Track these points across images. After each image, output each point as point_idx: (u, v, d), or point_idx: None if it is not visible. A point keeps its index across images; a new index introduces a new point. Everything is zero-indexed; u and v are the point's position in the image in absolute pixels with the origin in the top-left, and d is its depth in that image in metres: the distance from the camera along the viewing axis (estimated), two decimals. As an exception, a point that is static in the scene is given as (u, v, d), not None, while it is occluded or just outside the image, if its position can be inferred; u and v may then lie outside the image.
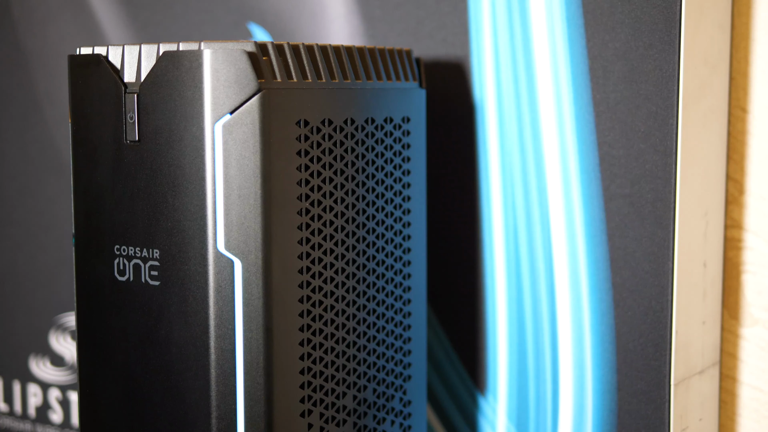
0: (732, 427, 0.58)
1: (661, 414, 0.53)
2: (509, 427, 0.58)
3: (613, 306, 0.54)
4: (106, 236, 0.49)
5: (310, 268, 0.47)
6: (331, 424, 0.49)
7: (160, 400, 0.47)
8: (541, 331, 0.56)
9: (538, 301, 0.56)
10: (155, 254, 0.47)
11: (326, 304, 0.48)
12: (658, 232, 0.52)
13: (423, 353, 0.55)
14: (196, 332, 0.46)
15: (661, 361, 0.52)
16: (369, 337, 0.51)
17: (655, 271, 0.52)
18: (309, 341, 0.48)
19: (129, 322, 0.48)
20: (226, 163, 0.45)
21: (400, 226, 0.53)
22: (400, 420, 0.53)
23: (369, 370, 0.51)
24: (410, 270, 0.54)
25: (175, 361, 0.47)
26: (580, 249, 0.54)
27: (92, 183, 0.49)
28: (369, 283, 0.51)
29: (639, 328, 0.53)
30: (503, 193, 0.57)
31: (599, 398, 0.54)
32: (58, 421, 0.79)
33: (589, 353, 0.55)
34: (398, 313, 0.53)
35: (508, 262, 0.57)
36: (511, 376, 0.58)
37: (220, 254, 0.45)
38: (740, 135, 0.56)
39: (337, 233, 0.49)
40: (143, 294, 0.48)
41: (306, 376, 0.47)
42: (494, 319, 0.58)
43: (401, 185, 0.52)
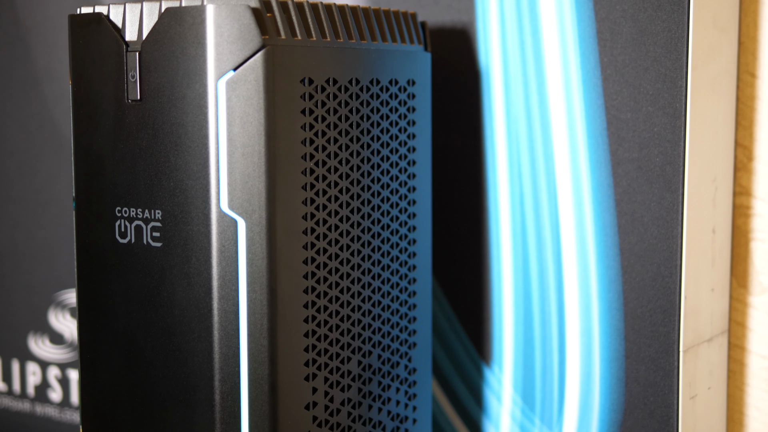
0: (741, 397, 0.57)
1: (669, 381, 0.52)
2: (515, 397, 0.57)
3: (620, 272, 0.53)
4: (107, 198, 0.48)
5: (314, 229, 0.47)
6: (335, 388, 0.48)
7: (162, 364, 0.47)
8: (547, 300, 0.55)
9: (544, 270, 0.55)
10: (157, 215, 0.46)
11: (331, 266, 0.48)
12: (666, 196, 0.51)
13: (428, 321, 0.54)
14: (199, 293, 0.45)
15: (670, 328, 0.52)
16: (374, 301, 0.50)
17: (664, 236, 0.51)
18: (313, 303, 0.47)
19: (130, 284, 0.47)
20: (229, 120, 0.44)
21: (405, 191, 0.52)
22: (405, 387, 0.53)
23: (374, 336, 0.50)
24: (415, 235, 0.53)
25: (178, 323, 0.46)
26: (588, 215, 0.53)
27: (93, 144, 0.48)
28: (374, 246, 0.50)
29: (647, 295, 0.52)
30: (509, 160, 0.56)
31: (606, 366, 0.54)
32: (58, 399, 0.78)
33: (596, 321, 0.54)
34: (403, 278, 0.52)
35: (514, 230, 0.56)
36: (516, 346, 0.57)
37: (224, 214, 0.45)
38: (749, 101, 0.55)
39: (342, 195, 0.48)
40: (145, 256, 0.47)
41: (310, 339, 0.47)
42: (500, 289, 0.57)
43: (406, 149, 0.52)
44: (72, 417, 0.78)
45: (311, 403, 0.47)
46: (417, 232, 0.53)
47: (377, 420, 0.51)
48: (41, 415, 0.79)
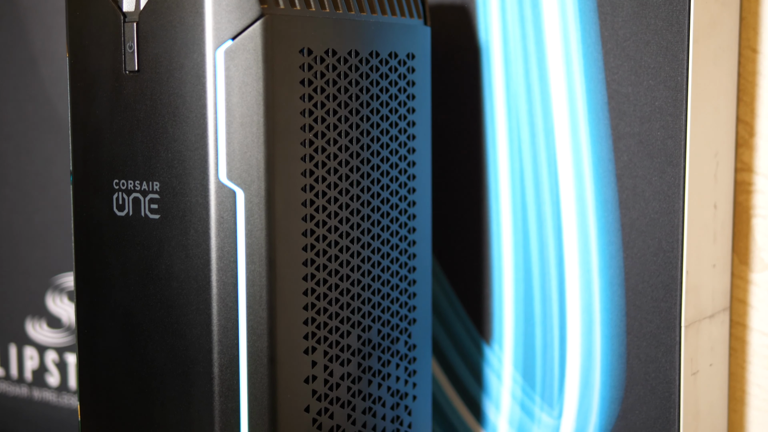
0: (742, 375, 0.57)
1: (671, 357, 0.52)
2: (515, 376, 0.57)
3: (621, 248, 0.53)
4: (105, 171, 0.47)
5: (314, 201, 0.46)
6: (335, 362, 0.48)
7: (161, 337, 0.46)
8: (548, 277, 0.55)
9: (545, 246, 0.55)
10: (155, 187, 0.46)
11: (330, 239, 0.47)
12: (668, 170, 0.51)
13: (428, 297, 0.54)
14: (198, 266, 0.45)
15: (672, 303, 0.51)
16: (374, 276, 0.50)
17: (666, 211, 0.51)
18: (313, 276, 0.46)
19: (128, 257, 0.47)
20: (228, 90, 0.44)
21: (405, 165, 0.52)
22: (405, 364, 0.52)
23: (374, 310, 0.50)
24: (415, 211, 0.53)
25: (176, 295, 0.46)
26: (588, 190, 0.53)
27: (90, 117, 0.48)
28: (374, 220, 0.50)
29: (649, 270, 0.52)
30: (509, 136, 0.55)
31: (608, 343, 0.53)
32: (55, 384, 0.78)
33: (597, 297, 0.54)
34: (403, 254, 0.52)
35: (514, 206, 0.56)
36: (517, 323, 0.57)
37: (222, 185, 0.44)
38: (750, 76, 0.55)
39: (342, 167, 0.47)
40: (143, 228, 0.46)
41: (310, 312, 0.46)
42: (500, 266, 0.57)
43: (406, 123, 0.51)
44: (70, 401, 0.77)
45: (311, 376, 0.47)
46: (417, 207, 0.53)
47: (377, 395, 0.50)
48: (39, 399, 0.79)
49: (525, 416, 0.57)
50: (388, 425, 0.51)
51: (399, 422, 0.52)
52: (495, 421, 0.58)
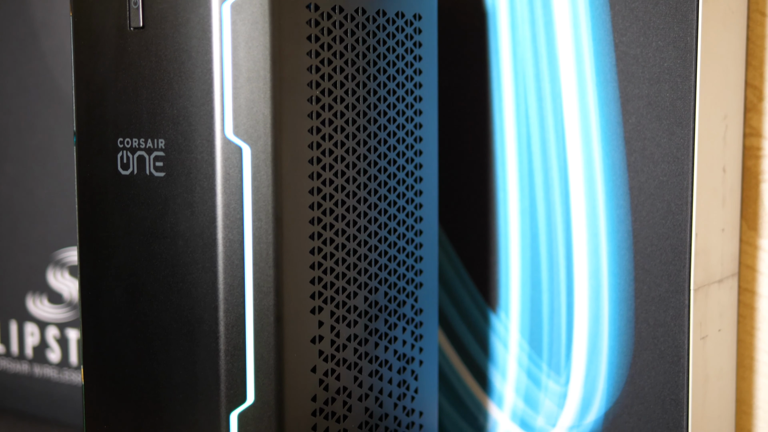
0: (751, 342, 0.56)
1: (680, 321, 0.51)
2: (522, 343, 0.57)
3: (630, 211, 0.52)
4: (109, 129, 0.47)
5: (320, 159, 0.46)
6: (341, 323, 0.47)
7: (165, 297, 0.46)
8: (555, 242, 0.55)
9: (552, 212, 0.55)
10: (160, 144, 0.45)
11: (337, 198, 0.47)
12: (677, 132, 0.50)
13: (434, 262, 0.54)
14: (203, 223, 0.44)
15: (681, 266, 0.51)
16: (381, 237, 0.49)
17: (675, 173, 0.51)
18: (320, 235, 0.46)
19: (133, 216, 0.46)
20: (234, 45, 0.43)
21: (412, 126, 0.51)
22: (412, 328, 0.52)
23: (380, 272, 0.50)
24: (422, 173, 0.52)
25: (181, 254, 0.45)
26: (596, 154, 0.53)
27: (94, 75, 0.47)
28: (380, 181, 0.49)
29: (657, 233, 0.51)
30: (516, 101, 0.55)
31: (616, 307, 0.53)
32: (56, 360, 0.77)
33: (605, 261, 0.53)
34: (410, 216, 0.51)
35: (521, 172, 0.55)
36: (523, 290, 0.56)
37: (228, 141, 0.44)
38: (759, 40, 0.54)
39: (348, 126, 0.47)
40: (148, 186, 0.46)
41: (316, 271, 0.46)
42: (506, 232, 0.56)
43: (413, 84, 0.51)
44: (71, 377, 0.77)
45: (317, 336, 0.46)
46: (423, 170, 0.52)
47: (384, 359, 0.50)
48: (40, 376, 0.78)
49: (532, 384, 0.56)
50: (394, 389, 0.51)
51: (405, 387, 0.52)
52: (501, 390, 0.58)
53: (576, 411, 0.55)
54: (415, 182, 0.52)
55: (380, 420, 0.50)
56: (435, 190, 0.53)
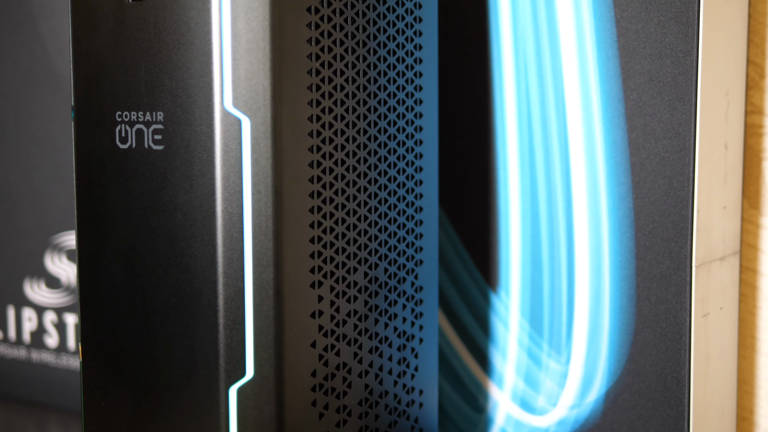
0: (752, 321, 0.56)
1: (682, 298, 0.51)
2: (522, 323, 0.56)
3: (631, 188, 0.52)
4: (107, 103, 0.47)
5: (320, 132, 0.45)
6: (341, 299, 0.47)
7: (164, 271, 0.45)
8: (556, 221, 0.54)
9: (552, 190, 0.54)
10: (159, 117, 0.45)
11: (337, 172, 0.46)
12: (679, 107, 0.50)
13: (435, 240, 0.53)
14: (202, 196, 0.44)
15: (682, 243, 0.51)
16: (381, 213, 0.49)
17: (677, 148, 0.50)
18: (319, 209, 0.46)
19: (131, 191, 0.46)
20: (233, 16, 0.43)
21: (412, 102, 0.51)
22: (412, 305, 0.52)
23: (380, 248, 0.49)
24: (422, 150, 0.52)
25: (180, 227, 0.45)
26: (597, 131, 0.52)
27: (92, 48, 0.47)
28: (380, 156, 0.49)
29: (659, 210, 0.51)
30: (516, 77, 0.55)
31: (617, 285, 0.53)
32: (54, 345, 0.77)
33: (606, 239, 0.53)
34: (410, 192, 0.51)
35: (522, 150, 0.55)
36: (524, 270, 0.56)
37: (227, 113, 0.43)
38: (761, 17, 0.54)
39: (348, 99, 0.47)
40: (146, 160, 0.46)
41: (316, 245, 0.46)
42: (507, 211, 0.56)
43: (413, 59, 0.51)
44: (69, 362, 0.76)
45: (317, 311, 0.46)
46: (424, 146, 0.52)
47: (384, 335, 0.50)
48: (37, 361, 0.78)
49: (532, 364, 0.56)
50: (394, 366, 0.50)
51: (405, 364, 0.51)
52: (501, 370, 0.57)
53: (577, 390, 0.55)
54: (415, 158, 0.51)
55: (380, 397, 0.50)
56: (435, 167, 0.53)
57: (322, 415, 0.46)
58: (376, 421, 0.49)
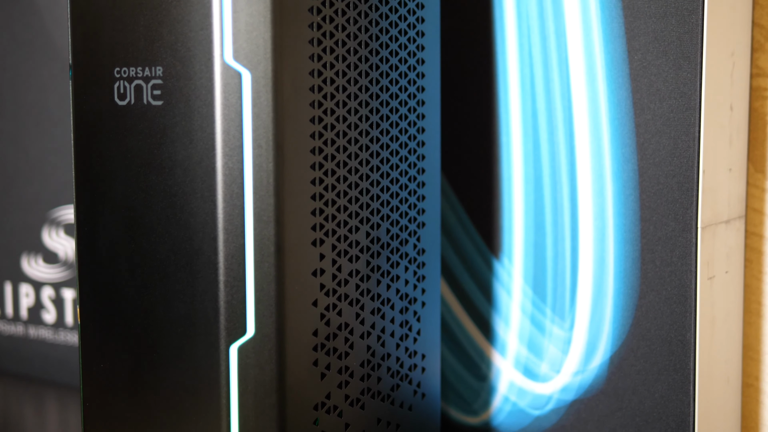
0: (758, 287, 0.55)
1: (687, 260, 0.50)
2: (525, 289, 0.56)
3: (636, 150, 0.51)
4: (105, 60, 0.46)
5: (321, 87, 0.45)
6: (343, 258, 0.46)
7: (163, 228, 0.45)
8: (559, 184, 0.54)
9: (556, 153, 0.54)
10: (158, 72, 0.44)
11: (339, 129, 0.46)
12: (684, 67, 0.49)
13: (437, 203, 0.53)
14: (202, 151, 0.43)
15: (687, 204, 0.50)
16: (383, 172, 0.48)
17: (682, 108, 0.50)
18: (321, 166, 0.45)
19: (130, 148, 0.45)
20: (233, -33, 0.42)
21: (414, 61, 0.50)
22: (414, 268, 0.51)
23: (382, 208, 0.49)
24: (424, 110, 0.51)
25: (180, 183, 0.44)
26: (601, 92, 0.52)
27: (90, 4, 0.46)
28: (382, 114, 0.48)
29: (664, 171, 0.50)
30: (519, 40, 0.54)
31: (621, 248, 0.52)
32: (51, 320, 0.76)
33: (610, 202, 0.52)
34: (412, 153, 0.50)
35: (524, 114, 0.54)
36: (527, 235, 0.55)
37: (227, 66, 0.43)
38: (767, -22, 0.53)
39: (350, 55, 0.46)
40: (145, 116, 0.45)
41: (318, 203, 0.45)
42: (509, 177, 0.55)
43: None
44: (66, 338, 0.76)
45: (318, 269, 0.45)
46: (425, 107, 0.51)
47: (386, 297, 0.49)
48: (35, 337, 0.77)
49: (535, 330, 0.55)
50: (396, 329, 0.50)
51: (408, 327, 0.51)
52: (504, 337, 0.57)
53: (581, 356, 0.54)
54: (417, 119, 0.51)
55: (382, 359, 0.49)
56: (437, 129, 0.52)
57: (323, 375, 0.46)
58: (379, 384, 0.49)
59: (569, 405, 0.55)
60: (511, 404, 0.57)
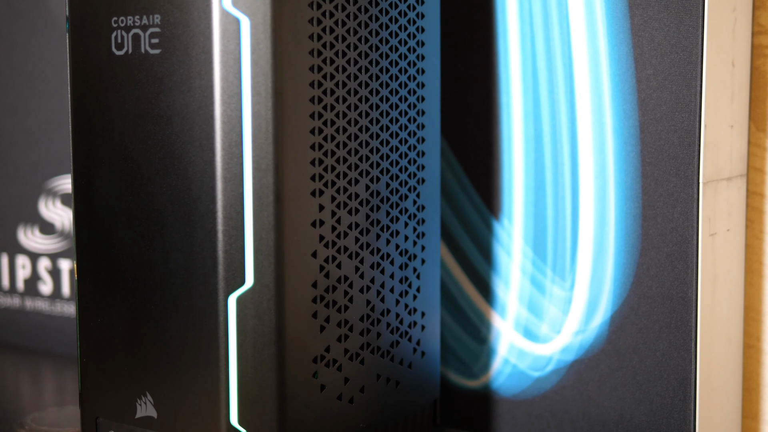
0: (759, 247, 0.55)
1: (689, 216, 0.50)
2: (525, 250, 0.55)
3: (637, 105, 0.51)
4: (103, 10, 0.46)
5: (321, 36, 0.44)
6: (343, 210, 0.46)
7: (161, 179, 0.44)
8: (559, 142, 0.53)
9: (556, 112, 0.53)
10: (156, 20, 0.44)
11: (338, 79, 0.45)
12: (686, 20, 0.49)
13: (437, 160, 0.52)
14: (200, 99, 0.43)
15: (689, 159, 0.50)
16: (382, 125, 0.48)
17: (683, 62, 0.49)
18: (320, 115, 0.45)
19: (127, 98, 0.45)
20: None
21: (414, 15, 0.50)
22: (414, 224, 0.51)
23: (382, 161, 0.48)
24: (424, 65, 0.51)
25: (178, 133, 0.44)
26: (602, 48, 0.51)
27: (87, -46, 0.46)
28: (382, 67, 0.48)
29: (665, 126, 0.50)
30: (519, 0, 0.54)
31: (622, 205, 0.52)
32: (48, 292, 0.76)
33: (611, 159, 0.52)
34: (412, 108, 0.50)
35: (524, 72, 0.54)
36: (527, 195, 0.55)
37: (226, 12, 0.42)
38: (768, -65, 0.53)
39: (349, 5, 0.46)
40: (143, 65, 0.45)
41: (317, 152, 0.45)
42: (509, 136, 0.55)
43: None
44: (63, 309, 0.75)
45: (318, 220, 0.45)
46: (425, 61, 0.51)
47: (386, 251, 0.49)
48: (31, 309, 0.77)
49: (535, 291, 0.55)
50: (396, 285, 0.49)
51: (407, 284, 0.50)
52: (504, 299, 0.56)
53: (581, 315, 0.54)
54: (417, 73, 0.50)
55: (382, 315, 0.49)
56: (437, 84, 0.52)
57: (323, 327, 0.45)
58: (378, 339, 0.49)
59: (569, 365, 0.54)
60: (511, 366, 0.56)
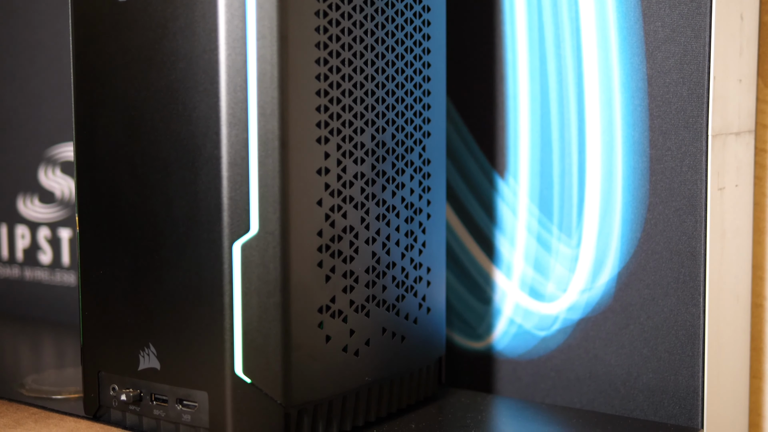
0: (766, 204, 0.54)
1: (697, 169, 0.49)
2: (531, 208, 0.55)
3: (645, 58, 0.50)
4: (105, -44, 0.45)
5: (326, -19, 0.44)
6: (348, 159, 0.45)
7: (165, 125, 0.44)
8: (566, 99, 0.53)
9: (562, 67, 0.53)
10: (159, -36, 0.43)
11: (344, 25, 0.45)
12: (694, -30, 0.49)
13: (442, 114, 0.52)
14: (204, 43, 0.42)
15: (698, 112, 0.49)
16: (388, 75, 0.47)
17: (692, 13, 0.49)
18: (326, 62, 0.44)
19: (131, 44, 0.44)
20: None
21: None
22: (419, 177, 0.50)
23: (388, 112, 0.48)
24: (430, 16, 0.50)
25: (181, 78, 0.43)
26: (610, 1, 0.51)
27: None
28: (388, 16, 0.47)
29: (673, 79, 0.50)
30: (526, -48, 0.53)
31: (630, 160, 0.51)
32: (47, 261, 0.75)
33: (618, 112, 0.51)
34: (417, 59, 0.49)
35: (530, 28, 0.53)
36: (533, 153, 0.54)
37: (231, -46, 0.42)
38: None
39: (355, -49, 0.45)
40: (146, 10, 0.44)
41: (323, 99, 0.44)
42: (515, 93, 0.54)
43: None
44: (62, 278, 0.75)
45: (323, 168, 0.44)
46: (431, 13, 0.50)
47: (391, 204, 0.48)
48: (31, 279, 0.76)
49: (541, 249, 0.55)
50: (402, 238, 0.49)
51: (413, 238, 0.50)
52: (510, 259, 0.56)
53: (588, 273, 0.53)
54: (423, 24, 0.50)
55: (387, 268, 0.48)
56: (443, 37, 0.51)
57: (328, 277, 0.45)
58: (384, 293, 0.48)
59: (576, 324, 0.54)
60: (516, 326, 0.56)
